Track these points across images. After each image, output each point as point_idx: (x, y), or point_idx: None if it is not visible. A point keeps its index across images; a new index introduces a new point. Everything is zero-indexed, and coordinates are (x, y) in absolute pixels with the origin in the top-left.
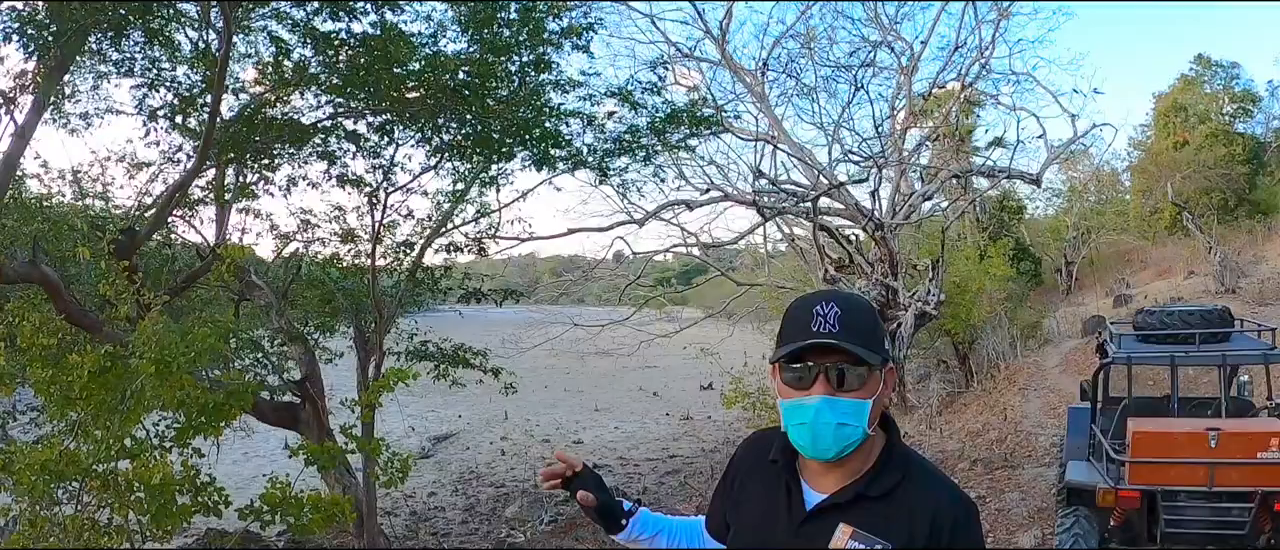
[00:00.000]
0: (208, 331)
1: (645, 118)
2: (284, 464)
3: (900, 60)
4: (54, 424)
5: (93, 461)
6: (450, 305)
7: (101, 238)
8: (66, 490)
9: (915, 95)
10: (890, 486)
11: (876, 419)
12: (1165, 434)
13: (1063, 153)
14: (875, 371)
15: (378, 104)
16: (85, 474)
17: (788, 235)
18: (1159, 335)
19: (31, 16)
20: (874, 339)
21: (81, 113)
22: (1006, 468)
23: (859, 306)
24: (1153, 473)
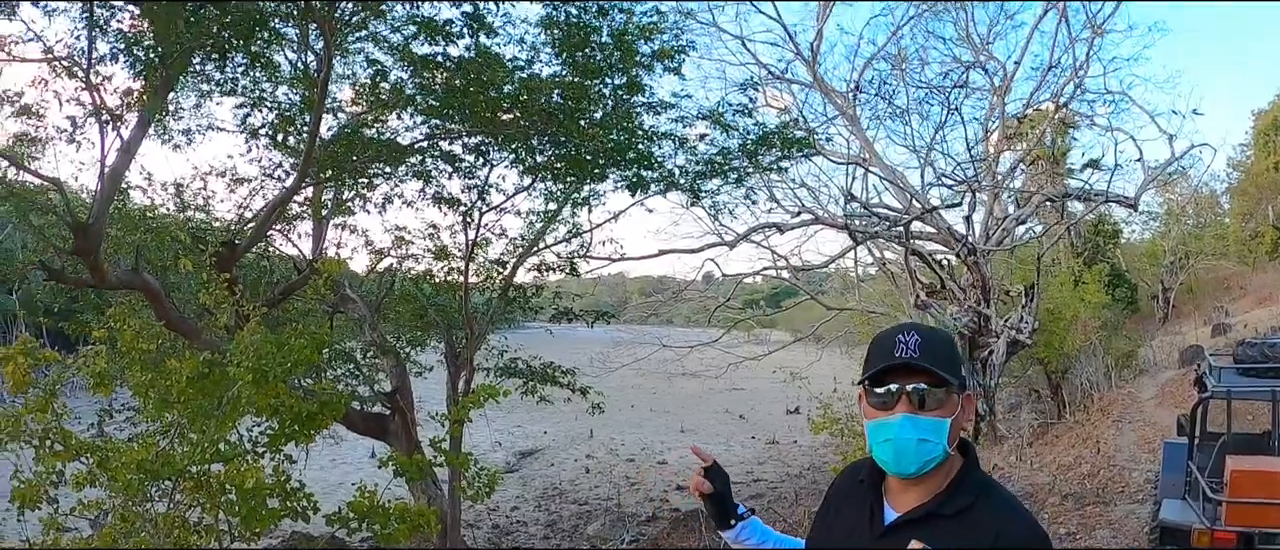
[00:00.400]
0: (304, 342)
1: (737, 140)
2: (369, 472)
3: (993, 81)
4: (149, 424)
5: (187, 463)
6: (541, 323)
7: (204, 249)
8: (160, 489)
9: (1008, 117)
10: (963, 507)
11: (954, 439)
12: (1265, 473)
13: (1160, 175)
14: (953, 394)
15: (473, 125)
16: (179, 474)
17: (878, 259)
18: (1260, 368)
19: (138, 38)
20: (952, 365)
21: (184, 129)
22: (1098, 503)
23: (938, 336)
24: (1251, 514)
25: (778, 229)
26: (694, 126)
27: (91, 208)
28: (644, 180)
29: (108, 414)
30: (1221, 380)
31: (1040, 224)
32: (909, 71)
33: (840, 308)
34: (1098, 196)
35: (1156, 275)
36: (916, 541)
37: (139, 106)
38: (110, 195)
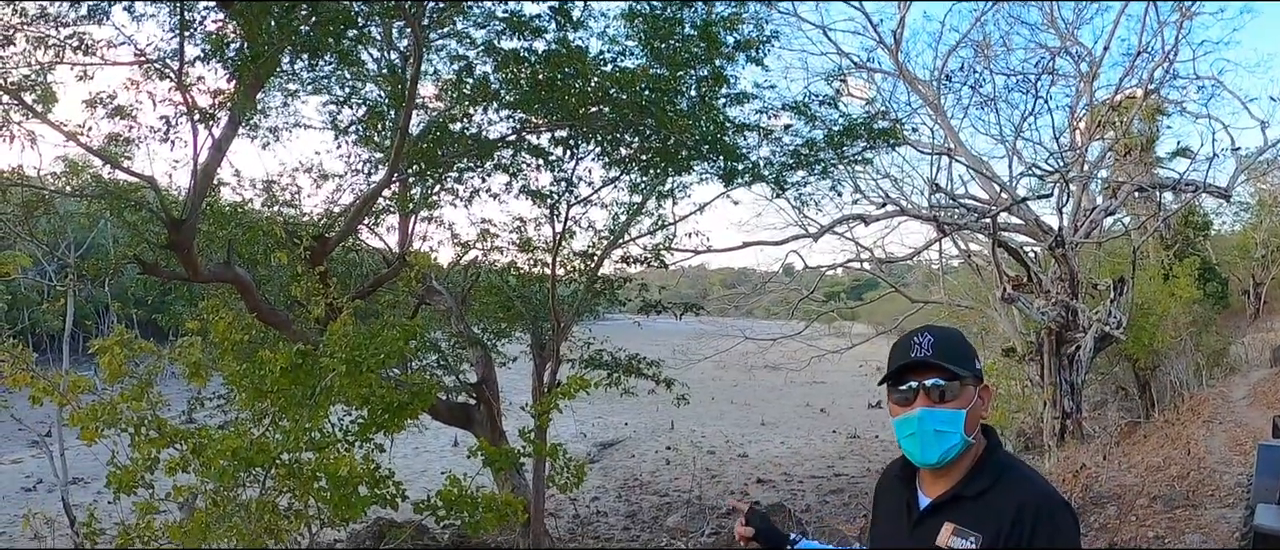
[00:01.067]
0: (395, 333)
1: (821, 131)
2: (451, 461)
3: (1079, 67)
4: (240, 412)
5: (280, 450)
6: (628, 316)
7: (297, 243)
8: (252, 475)
9: (1096, 104)
10: (984, 487)
11: (974, 428)
12: None
13: (1253, 163)
14: (968, 386)
15: (560, 118)
16: (272, 462)
17: (963, 251)
18: None
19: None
20: (964, 359)
21: (272, 127)
22: (1188, 507)
23: (950, 335)
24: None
25: (862, 221)
26: (778, 117)
27: (184, 204)
28: (734, 171)
29: (198, 403)
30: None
31: (1129, 216)
32: (994, 59)
33: (924, 301)
34: (1189, 186)
35: (1248, 269)
36: (949, 523)
37: (229, 106)
38: (202, 191)
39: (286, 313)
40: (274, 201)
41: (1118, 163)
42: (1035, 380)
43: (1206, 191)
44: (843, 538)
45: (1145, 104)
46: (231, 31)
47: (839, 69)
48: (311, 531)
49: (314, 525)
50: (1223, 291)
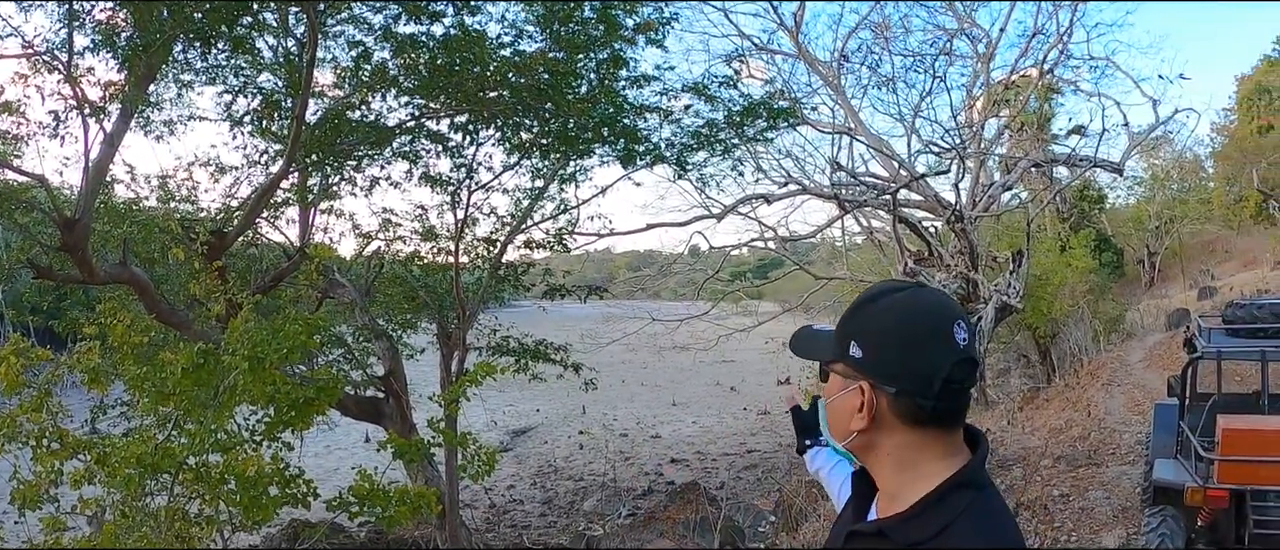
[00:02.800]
0: (298, 327)
1: (722, 111)
2: (363, 456)
3: (976, 48)
4: (144, 418)
5: (186, 454)
6: (534, 301)
7: (193, 239)
8: (159, 482)
9: (993, 83)
10: (917, 538)
11: (843, 427)
12: (1256, 432)
13: (1145, 139)
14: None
15: (459, 104)
16: (179, 467)
17: (865, 228)
18: (1250, 329)
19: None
20: (837, 331)
21: (166, 120)
22: (1090, 465)
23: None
24: (1243, 472)
25: (765, 200)
26: (678, 99)
27: (77, 203)
28: (634, 153)
29: (100, 410)
30: (1211, 341)
31: (1026, 190)
32: (892, 40)
33: (829, 277)
34: (1083, 162)
35: (1142, 240)
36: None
37: (121, 99)
38: (95, 189)
39: (186, 312)
40: (170, 198)
41: (1013, 140)
42: None
43: (1098, 166)
44: (758, 512)
45: (1040, 84)
46: (122, 21)
47: (739, 51)
48: (223, 537)
49: (226, 530)
50: (1118, 261)
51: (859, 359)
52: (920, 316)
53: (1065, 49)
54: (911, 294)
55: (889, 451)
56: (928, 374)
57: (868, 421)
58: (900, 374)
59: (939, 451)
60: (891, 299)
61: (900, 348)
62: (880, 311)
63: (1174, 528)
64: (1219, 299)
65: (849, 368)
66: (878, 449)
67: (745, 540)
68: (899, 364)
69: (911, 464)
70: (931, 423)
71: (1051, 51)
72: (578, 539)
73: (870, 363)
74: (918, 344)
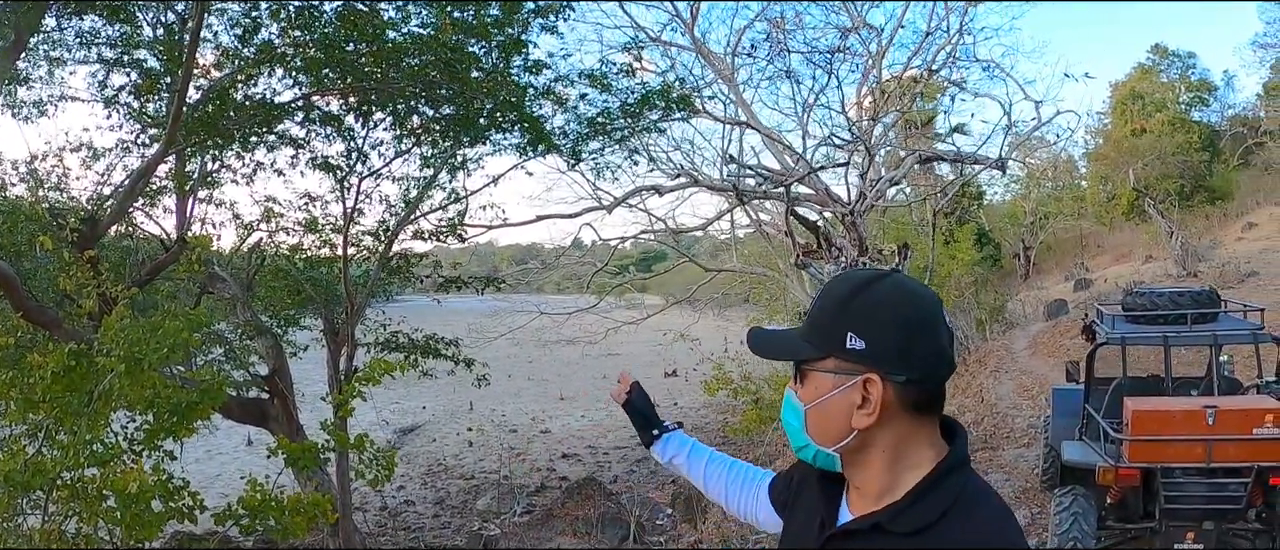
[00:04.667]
0: (179, 324)
1: (618, 100)
2: (247, 462)
3: (868, 48)
4: (14, 428)
5: (60, 469)
6: (420, 295)
7: (62, 227)
8: (31, 500)
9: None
10: (921, 523)
11: (828, 430)
12: (1164, 412)
13: (1028, 138)
14: (820, 371)
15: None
16: (52, 484)
17: (754, 220)
18: (1150, 316)
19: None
20: (821, 327)
21: (35, 100)
22: (987, 449)
23: (828, 289)
24: (1151, 451)
25: (656, 191)
26: (573, 86)
27: None
28: (545, 136)
29: None
30: (1115, 328)
31: (909, 186)
32: (789, 36)
33: (718, 269)
34: (965, 157)
35: (1017, 235)
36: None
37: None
38: None
39: (56, 310)
40: (39, 185)
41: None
42: None
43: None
44: (655, 505)
45: (928, 83)
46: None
47: (634, 41)
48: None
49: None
50: (996, 255)
51: (862, 350)
52: (917, 301)
53: (954, 51)
54: (898, 280)
55: (885, 447)
56: (932, 357)
57: (876, 417)
58: (908, 361)
59: (928, 438)
60: (882, 287)
61: (907, 333)
62: (877, 301)
63: (1085, 506)
64: (1094, 291)
65: (847, 362)
66: (873, 445)
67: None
68: (907, 351)
69: (904, 455)
70: (927, 409)
71: (940, 53)
72: (474, 539)
73: (875, 353)
74: (922, 328)
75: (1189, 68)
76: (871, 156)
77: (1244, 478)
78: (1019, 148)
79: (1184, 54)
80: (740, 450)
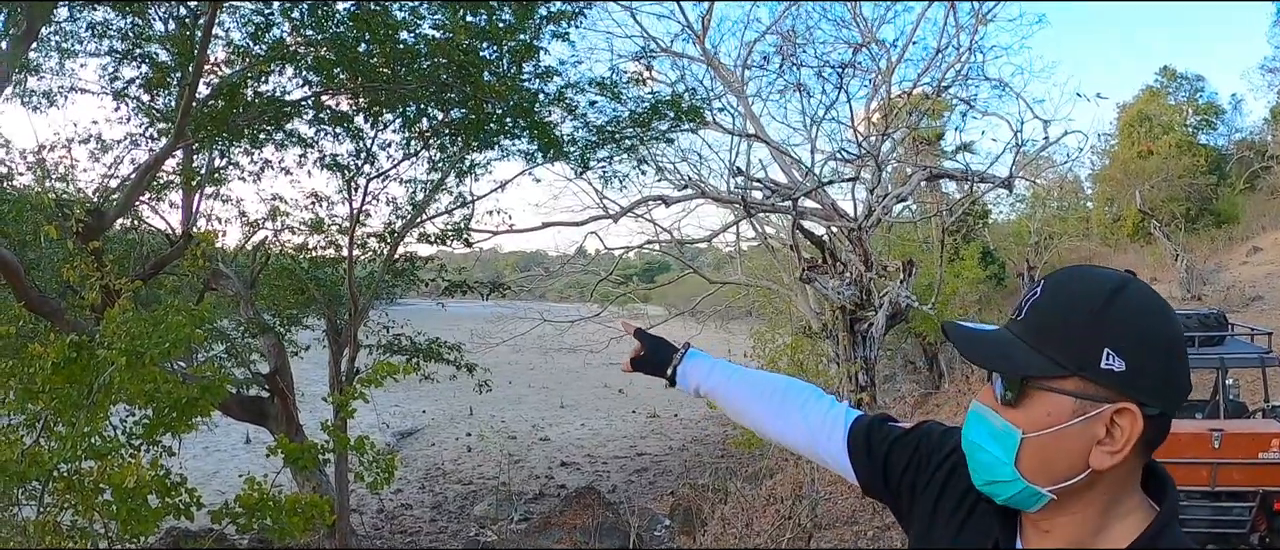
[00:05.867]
0: (181, 319)
1: (628, 109)
2: (245, 460)
3: (878, 64)
4: (12, 417)
5: (57, 460)
6: (423, 298)
7: (67, 217)
8: (27, 491)
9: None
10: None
11: (1055, 471)
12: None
13: (1036, 156)
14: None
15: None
16: (48, 476)
17: (760, 233)
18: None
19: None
20: (1061, 340)
21: (45, 91)
22: None
23: (1066, 288)
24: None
25: (663, 202)
26: (584, 93)
27: None
28: (556, 143)
29: None
30: None
31: (915, 203)
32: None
33: (724, 281)
34: (974, 175)
35: (1022, 254)
36: None
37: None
38: None
39: (59, 301)
40: (46, 175)
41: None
42: (830, 357)
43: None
44: (654, 515)
45: (935, 101)
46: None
47: (645, 51)
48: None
49: (101, 544)
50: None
51: (1121, 373)
52: (1170, 315)
53: (964, 69)
54: (1144, 287)
55: (1106, 488)
56: (1186, 387)
57: (1124, 457)
58: (1165, 390)
59: (1137, 481)
60: (1137, 291)
61: (1167, 356)
62: (1136, 309)
63: None
64: None
65: (1095, 384)
66: (1095, 488)
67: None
68: (1166, 377)
69: (1118, 501)
70: (1154, 448)
71: (949, 71)
72: (471, 545)
73: (1134, 378)
74: (1179, 350)
75: (1197, 91)
76: (880, 171)
77: (1249, 502)
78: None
79: (1192, 77)
80: (742, 463)
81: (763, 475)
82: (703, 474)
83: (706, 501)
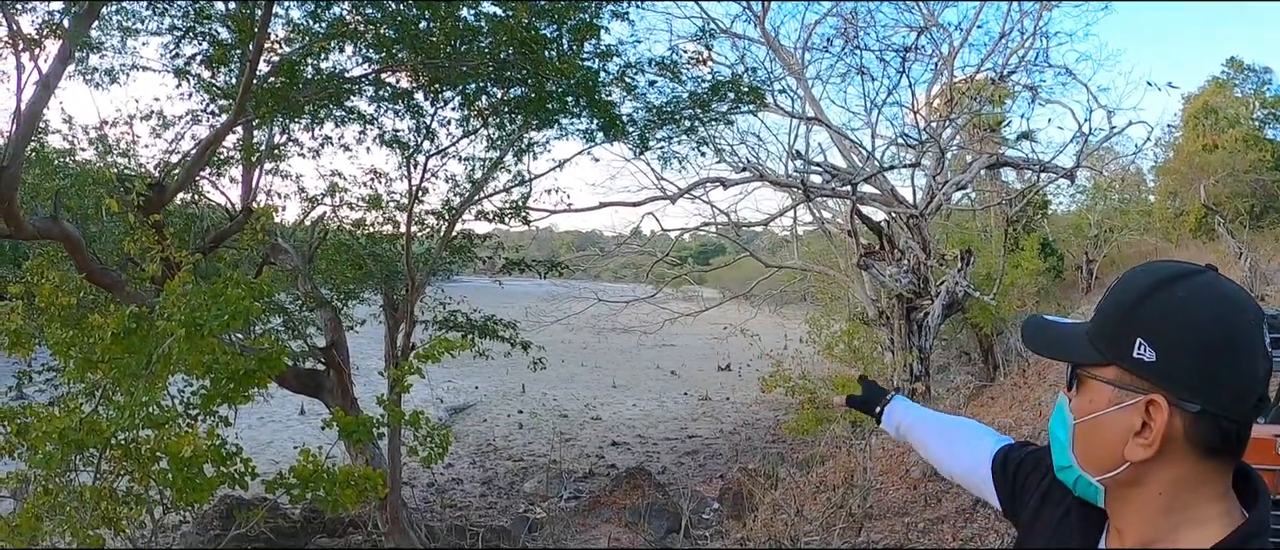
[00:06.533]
0: (240, 292)
1: (687, 89)
2: (299, 431)
3: (940, 48)
4: (71, 386)
5: (115, 429)
6: (479, 276)
7: (128, 191)
8: (85, 458)
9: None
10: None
11: (1105, 459)
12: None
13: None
14: (1096, 381)
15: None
16: (105, 444)
17: (817, 218)
18: None
19: None
20: (1107, 326)
21: (108, 68)
22: None
23: (1125, 281)
24: None
25: (721, 184)
26: (644, 73)
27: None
28: (614, 122)
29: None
30: None
31: (975, 191)
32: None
33: (778, 265)
34: (1035, 165)
35: (1081, 247)
36: None
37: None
38: (27, 135)
39: (119, 273)
40: (108, 151)
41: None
42: (885, 345)
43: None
44: (703, 499)
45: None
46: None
47: (704, 31)
48: (154, 518)
49: (156, 511)
50: (1059, 266)
51: (1151, 364)
52: (1231, 310)
53: (1027, 55)
54: (1213, 280)
55: (1162, 489)
56: (1241, 388)
57: (1155, 450)
58: (1207, 386)
59: (1218, 490)
60: (1191, 285)
61: (1209, 351)
62: (1180, 302)
63: None
64: None
65: (1130, 374)
66: (1148, 484)
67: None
68: (1207, 373)
69: (1185, 506)
70: (1223, 453)
71: (1013, 57)
72: (520, 521)
73: (1167, 370)
74: (1230, 347)
75: (1264, 83)
76: (943, 156)
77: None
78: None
79: (1260, 69)
80: (793, 448)
81: (813, 461)
82: (753, 458)
83: (757, 486)
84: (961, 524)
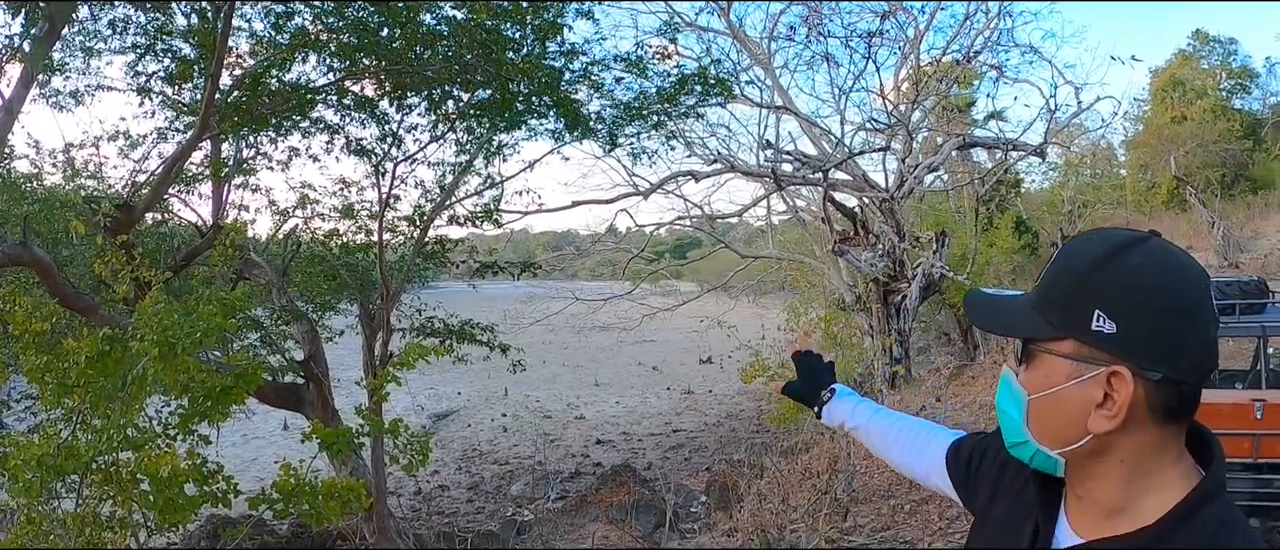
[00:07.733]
0: (213, 309)
1: (655, 83)
2: (283, 446)
3: (906, 32)
4: (49, 413)
5: (93, 453)
6: (455, 281)
7: (96, 212)
8: (66, 484)
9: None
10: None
11: (1059, 431)
12: (1210, 405)
13: (1069, 123)
14: (1049, 355)
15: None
16: (85, 468)
17: (791, 207)
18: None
19: None
20: (1058, 303)
21: (71, 90)
22: None
23: (1071, 250)
24: None
25: (692, 177)
26: (608, 71)
27: None
28: (580, 120)
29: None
30: None
31: (946, 173)
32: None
33: (754, 256)
34: (1005, 144)
35: (1056, 223)
36: None
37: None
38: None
39: (92, 296)
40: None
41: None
42: (865, 329)
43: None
44: (690, 492)
45: (965, 68)
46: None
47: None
48: (139, 540)
49: (140, 534)
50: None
51: (1112, 336)
52: (1184, 277)
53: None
54: (1162, 246)
55: (1124, 457)
56: (1200, 353)
57: (1121, 420)
58: (1168, 354)
59: (1176, 452)
60: (1143, 252)
61: (1168, 319)
62: (1135, 269)
63: None
64: None
65: (1089, 346)
66: (1110, 454)
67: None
68: (1168, 341)
69: (1147, 471)
70: (1180, 415)
71: (978, 38)
72: (508, 524)
73: (1128, 341)
74: (1187, 314)
75: (1230, 54)
76: (911, 140)
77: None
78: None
79: (1225, 40)
80: (777, 438)
81: (798, 450)
82: (738, 450)
83: (742, 477)
84: (948, 504)
